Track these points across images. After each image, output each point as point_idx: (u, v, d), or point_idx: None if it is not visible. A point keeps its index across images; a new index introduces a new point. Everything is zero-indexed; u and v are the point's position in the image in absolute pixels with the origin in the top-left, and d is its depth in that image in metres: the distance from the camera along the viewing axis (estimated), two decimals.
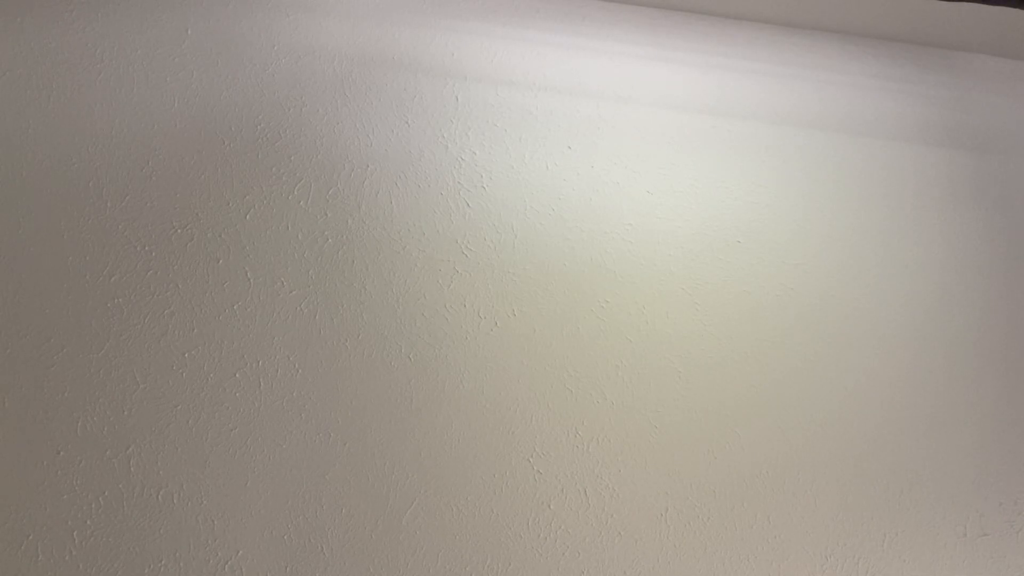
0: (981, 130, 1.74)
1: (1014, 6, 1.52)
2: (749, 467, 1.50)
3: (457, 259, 1.47)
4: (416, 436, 1.40)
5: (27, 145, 1.38)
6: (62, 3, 1.45)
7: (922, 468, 1.55)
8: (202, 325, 1.37)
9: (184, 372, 1.35)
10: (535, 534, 1.41)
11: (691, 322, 1.53)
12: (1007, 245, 1.68)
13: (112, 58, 1.44)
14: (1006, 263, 1.67)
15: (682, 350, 1.51)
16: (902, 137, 1.70)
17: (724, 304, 1.55)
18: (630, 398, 1.48)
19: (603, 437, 1.46)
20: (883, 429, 1.55)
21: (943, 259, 1.65)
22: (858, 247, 1.62)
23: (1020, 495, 1.58)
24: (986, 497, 1.57)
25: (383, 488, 1.38)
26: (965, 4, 1.58)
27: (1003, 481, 1.58)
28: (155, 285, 1.37)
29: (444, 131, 1.52)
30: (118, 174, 1.40)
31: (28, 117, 1.39)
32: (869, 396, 1.56)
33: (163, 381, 1.34)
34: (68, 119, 1.40)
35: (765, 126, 1.64)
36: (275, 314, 1.39)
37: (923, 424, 1.57)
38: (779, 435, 1.52)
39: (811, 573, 1.49)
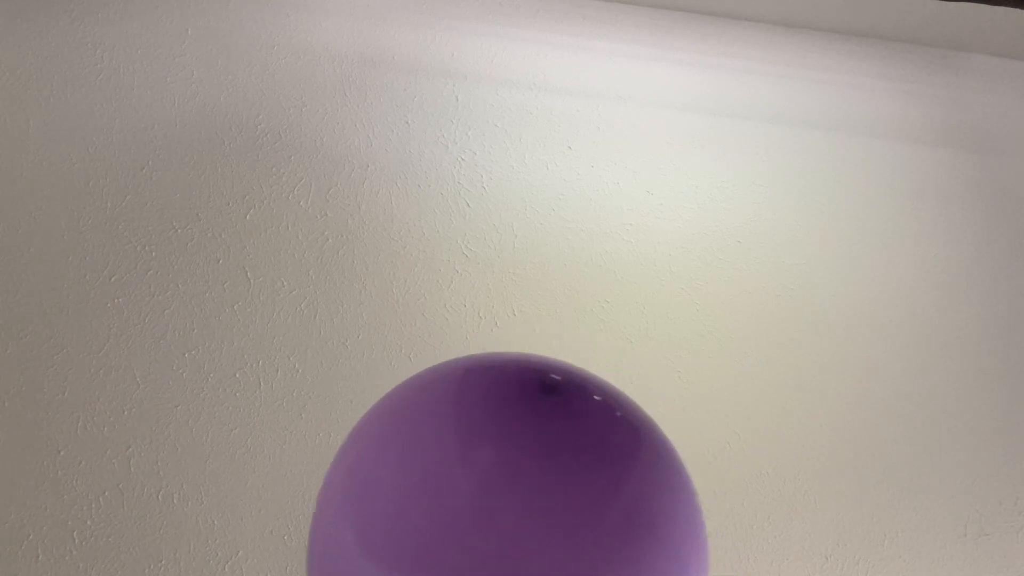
0: (981, 130, 1.74)
1: (1014, 6, 1.52)
2: (749, 467, 1.50)
3: (457, 259, 1.47)
4: None
5: (27, 145, 1.38)
6: (62, 3, 1.45)
7: (922, 468, 1.55)
8: (202, 325, 1.37)
9: (184, 372, 1.35)
10: None
11: (691, 322, 1.53)
12: (1007, 245, 1.68)
13: (112, 58, 1.44)
14: (1006, 263, 1.67)
15: (682, 350, 1.51)
16: (902, 137, 1.70)
17: (724, 304, 1.55)
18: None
19: None
20: (883, 429, 1.55)
21: (943, 259, 1.65)
22: (858, 247, 1.62)
23: (1020, 495, 1.58)
24: (986, 497, 1.57)
25: None
26: (965, 4, 1.58)
27: (1003, 481, 1.58)
28: (155, 285, 1.37)
29: (444, 131, 1.52)
30: (118, 174, 1.40)
31: (28, 117, 1.39)
32: (869, 396, 1.56)
33: (163, 381, 1.34)
34: (68, 119, 1.40)
35: (765, 126, 1.64)
36: (275, 314, 1.39)
37: (923, 424, 1.57)
38: (779, 435, 1.52)
39: (811, 573, 1.48)
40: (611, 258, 1.52)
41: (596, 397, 0.43)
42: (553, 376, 0.42)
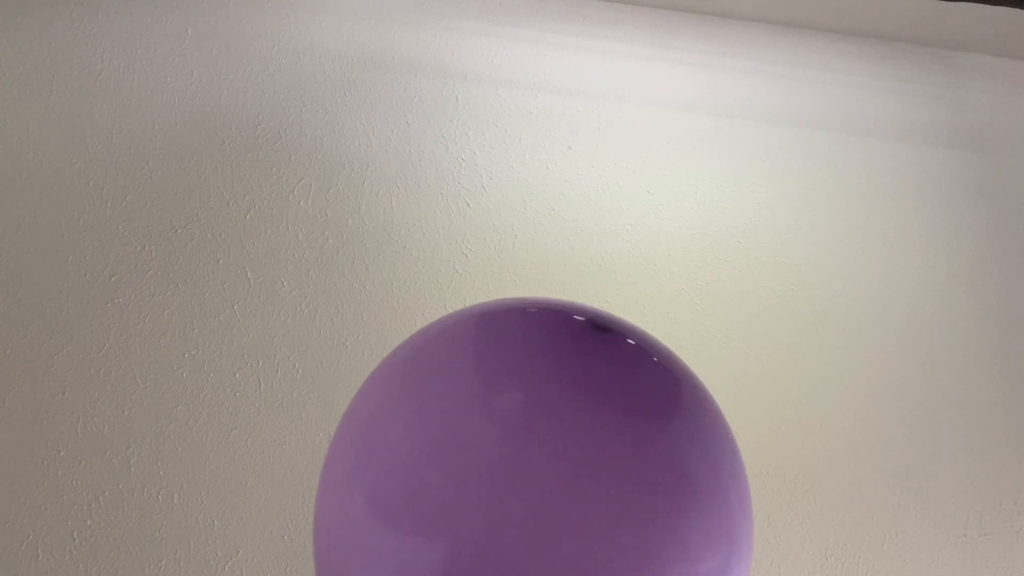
0: (981, 130, 1.74)
1: (1014, 6, 1.52)
2: (750, 467, 1.49)
3: (457, 259, 1.47)
4: None
5: (27, 145, 1.38)
6: (62, 3, 1.45)
7: (922, 468, 1.55)
8: (202, 325, 1.37)
9: (184, 372, 1.35)
10: None
11: (691, 322, 1.53)
12: (1008, 244, 1.68)
13: (112, 58, 1.44)
14: (1007, 262, 1.67)
15: (682, 350, 1.51)
16: (902, 137, 1.70)
17: (724, 304, 1.55)
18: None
19: None
20: (883, 429, 1.55)
21: (943, 259, 1.65)
22: (858, 247, 1.62)
23: (1020, 495, 1.58)
24: (986, 497, 1.57)
25: None
26: (965, 4, 1.58)
27: (1003, 481, 1.58)
28: (155, 285, 1.37)
29: (444, 131, 1.52)
30: (118, 174, 1.40)
31: (28, 117, 1.39)
32: (869, 396, 1.56)
33: (163, 381, 1.34)
34: (68, 119, 1.40)
35: (765, 126, 1.64)
36: (275, 314, 1.39)
37: (923, 424, 1.57)
38: (779, 435, 1.52)
39: (811, 573, 1.49)
40: (611, 258, 1.52)
41: (630, 340, 0.38)
42: (603, 315, 0.37)
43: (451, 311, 1.44)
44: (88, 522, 1.29)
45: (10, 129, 1.38)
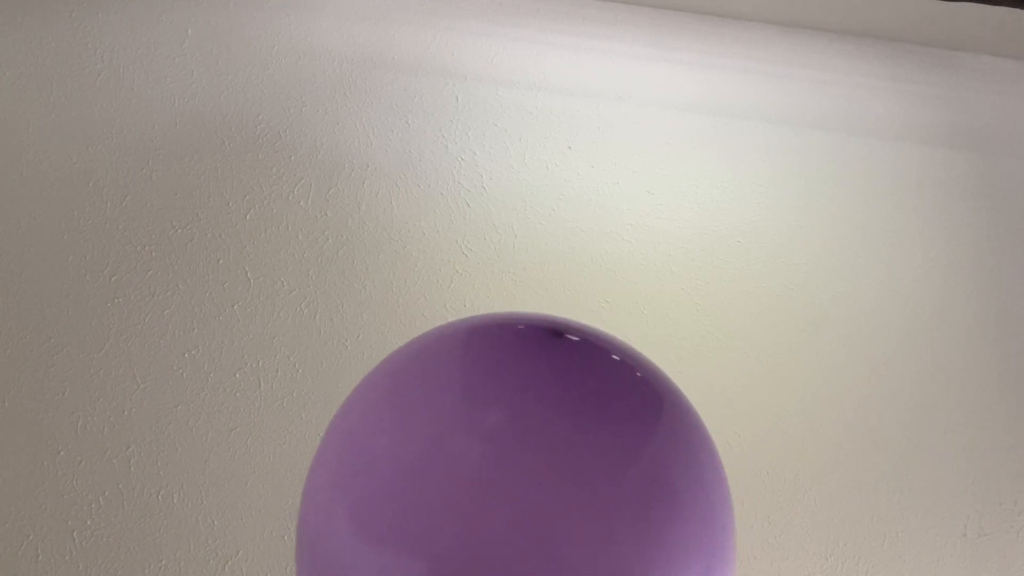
0: (981, 130, 1.74)
1: (1014, 6, 1.52)
2: (749, 467, 1.50)
3: (457, 259, 1.47)
4: None
5: (27, 145, 1.38)
6: (62, 3, 1.45)
7: (922, 468, 1.55)
8: (202, 325, 1.37)
9: (184, 372, 1.35)
10: None
11: (691, 322, 1.53)
12: (1006, 245, 1.68)
13: (112, 58, 1.44)
14: (1007, 263, 1.67)
15: (682, 350, 1.51)
16: (902, 137, 1.70)
17: (724, 304, 1.55)
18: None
19: None
20: (884, 428, 1.55)
21: (944, 259, 1.65)
22: (858, 247, 1.62)
23: (1020, 495, 1.58)
24: (986, 497, 1.57)
25: None
26: (965, 4, 1.58)
27: (1003, 481, 1.58)
28: (155, 285, 1.37)
29: (444, 131, 1.52)
30: (118, 174, 1.40)
31: (28, 117, 1.39)
32: (869, 396, 1.56)
33: (163, 381, 1.34)
34: (68, 119, 1.40)
35: (765, 126, 1.64)
36: (275, 314, 1.39)
37: (923, 424, 1.57)
38: (779, 435, 1.52)
39: (811, 573, 1.49)
40: (611, 258, 1.52)
41: (615, 356, 0.38)
42: (560, 321, 0.38)
43: (451, 311, 1.44)
44: (88, 522, 1.29)
45: (10, 129, 1.38)
